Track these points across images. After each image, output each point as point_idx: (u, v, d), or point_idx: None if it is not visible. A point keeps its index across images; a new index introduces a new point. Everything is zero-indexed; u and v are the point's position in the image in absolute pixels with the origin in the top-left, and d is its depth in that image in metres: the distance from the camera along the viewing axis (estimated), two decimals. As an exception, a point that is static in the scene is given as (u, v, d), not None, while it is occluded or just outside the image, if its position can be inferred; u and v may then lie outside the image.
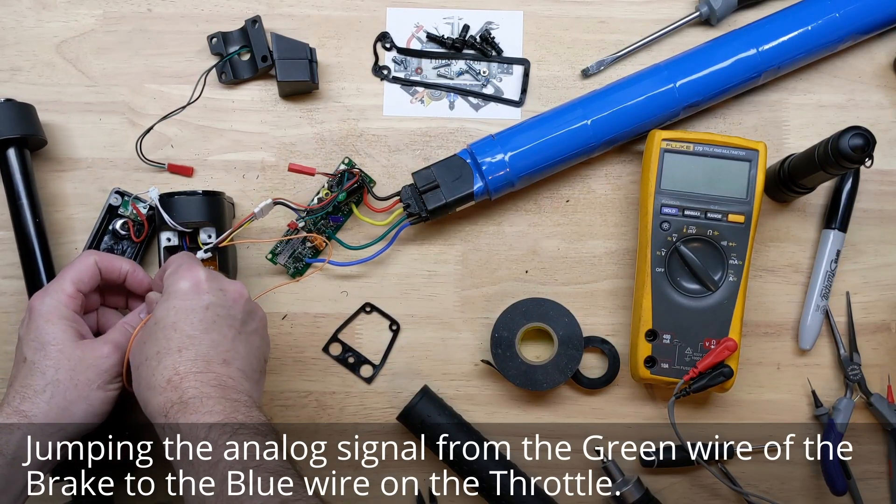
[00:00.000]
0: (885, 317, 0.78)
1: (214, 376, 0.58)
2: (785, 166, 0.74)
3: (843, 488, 0.74)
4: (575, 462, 0.76)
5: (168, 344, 0.58)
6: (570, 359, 0.74)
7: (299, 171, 0.73)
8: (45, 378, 0.62)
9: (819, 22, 0.75)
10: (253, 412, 0.57)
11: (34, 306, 0.64)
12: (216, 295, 0.61)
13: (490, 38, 0.79)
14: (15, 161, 0.73)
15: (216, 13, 0.79)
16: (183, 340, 0.59)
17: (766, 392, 0.77)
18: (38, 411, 0.61)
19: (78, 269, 0.65)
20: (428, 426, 0.73)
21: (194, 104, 0.76)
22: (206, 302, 0.60)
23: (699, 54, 0.75)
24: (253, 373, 0.61)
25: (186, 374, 0.57)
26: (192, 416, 0.55)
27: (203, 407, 0.56)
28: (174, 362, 0.58)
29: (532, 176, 0.75)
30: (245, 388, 0.59)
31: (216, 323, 0.60)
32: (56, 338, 0.63)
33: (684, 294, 0.72)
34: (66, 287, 0.64)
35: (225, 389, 0.57)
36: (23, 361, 0.63)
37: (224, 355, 0.59)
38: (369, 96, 0.79)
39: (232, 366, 0.59)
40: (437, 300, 0.77)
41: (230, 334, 0.60)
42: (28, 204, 0.73)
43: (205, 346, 0.59)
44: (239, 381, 0.59)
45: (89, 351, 0.63)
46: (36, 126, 0.74)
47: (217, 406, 0.56)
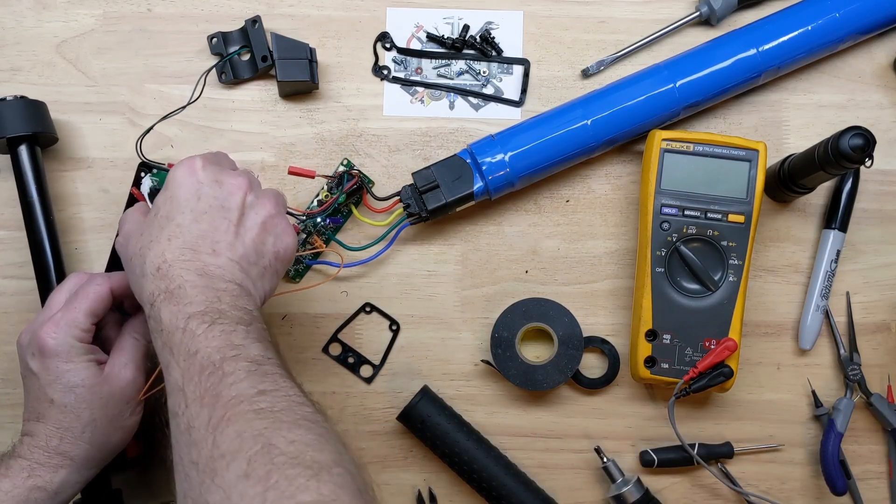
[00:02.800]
0: (885, 317, 0.78)
1: (201, 265, 0.56)
2: (785, 166, 0.74)
3: (843, 488, 0.74)
4: (575, 462, 0.76)
5: (160, 233, 0.58)
6: (570, 359, 0.74)
7: (299, 174, 0.73)
8: (81, 421, 0.62)
9: (819, 22, 0.75)
10: (239, 301, 0.56)
11: (47, 344, 0.61)
12: (211, 186, 0.59)
13: (490, 38, 0.79)
14: (26, 158, 0.72)
15: (216, 13, 0.79)
16: (173, 229, 0.58)
17: (766, 392, 0.77)
18: (79, 452, 0.62)
19: (92, 300, 0.63)
20: (428, 426, 0.73)
21: (194, 104, 0.76)
22: (198, 189, 0.59)
23: (699, 54, 0.75)
24: (250, 266, 0.59)
25: (174, 262, 0.56)
26: (174, 307, 0.54)
27: (185, 297, 0.55)
28: (163, 250, 0.57)
29: (532, 176, 0.75)
30: (236, 278, 0.57)
31: (207, 213, 0.58)
32: (82, 379, 0.61)
33: (684, 294, 0.72)
34: (81, 321, 0.62)
35: (210, 279, 0.56)
36: (49, 402, 0.61)
37: (214, 246, 0.58)
38: (369, 96, 0.79)
39: (222, 256, 0.58)
40: (437, 300, 0.77)
41: (223, 226, 0.58)
42: (39, 202, 0.72)
43: (193, 235, 0.57)
44: (229, 270, 0.57)
45: (116, 382, 0.63)
46: (47, 123, 0.74)
47: (199, 296, 0.55)
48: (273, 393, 0.51)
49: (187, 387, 0.51)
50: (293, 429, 0.49)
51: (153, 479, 0.75)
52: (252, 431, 0.48)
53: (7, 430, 0.75)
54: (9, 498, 0.59)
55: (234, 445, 0.47)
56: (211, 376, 0.51)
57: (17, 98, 0.72)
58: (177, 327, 0.54)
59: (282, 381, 0.53)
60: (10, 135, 0.71)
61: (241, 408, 0.49)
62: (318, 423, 0.50)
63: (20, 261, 0.76)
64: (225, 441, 0.48)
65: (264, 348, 0.55)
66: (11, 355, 0.75)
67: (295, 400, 0.51)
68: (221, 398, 0.50)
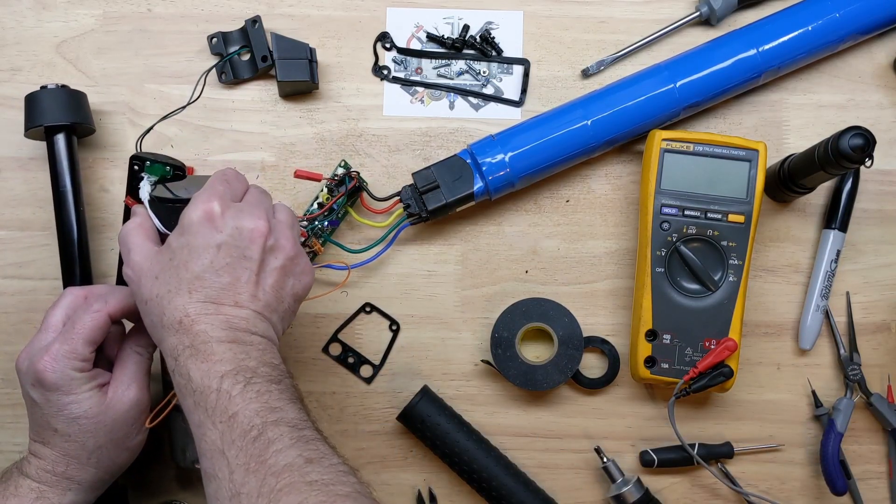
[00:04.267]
0: (885, 317, 0.78)
1: (224, 318, 0.55)
2: (785, 166, 0.74)
3: (843, 488, 0.74)
4: (575, 462, 0.76)
5: (179, 284, 0.56)
6: (570, 359, 0.74)
7: (306, 178, 0.72)
8: (86, 449, 0.61)
9: (819, 22, 0.75)
10: (266, 355, 0.56)
11: (46, 378, 0.59)
12: (231, 233, 0.57)
13: (490, 38, 0.79)
14: (63, 147, 0.72)
15: (216, 13, 0.79)
16: (193, 282, 0.56)
17: (766, 392, 0.77)
18: (87, 476, 0.62)
19: (91, 328, 0.61)
20: (428, 426, 0.73)
21: (194, 104, 0.76)
22: (217, 241, 0.57)
23: (699, 54, 0.75)
24: (271, 313, 0.58)
25: (196, 317, 0.55)
26: (202, 364, 0.54)
27: (214, 354, 0.54)
28: (184, 303, 0.55)
29: (532, 176, 0.75)
30: (259, 329, 0.57)
31: (229, 265, 0.56)
32: (85, 410, 0.61)
33: (684, 294, 0.72)
34: (80, 351, 0.60)
35: (236, 332, 0.55)
36: (53, 431, 0.61)
37: (236, 298, 0.56)
38: (369, 96, 0.79)
39: (245, 307, 0.56)
40: (437, 300, 0.77)
41: (244, 276, 0.57)
42: (72, 191, 0.72)
43: (215, 288, 0.56)
44: (253, 322, 0.56)
45: (120, 406, 0.62)
46: (86, 114, 0.74)
47: (228, 353, 0.54)
48: (320, 462, 0.51)
49: (229, 451, 0.51)
50: (348, 502, 0.49)
51: (155, 479, 0.75)
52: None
53: (7, 429, 0.75)
54: None
55: None
56: (255, 442, 0.51)
57: (59, 87, 0.72)
58: (209, 387, 0.53)
59: (323, 447, 0.53)
60: (49, 123, 0.72)
61: (293, 478, 0.49)
62: (367, 495, 0.51)
63: (20, 261, 0.76)
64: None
65: (299, 409, 0.55)
66: (11, 355, 0.75)
67: (341, 469, 0.52)
68: (270, 466, 0.50)
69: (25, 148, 0.77)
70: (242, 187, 0.62)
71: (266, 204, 0.61)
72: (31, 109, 0.72)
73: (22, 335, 0.76)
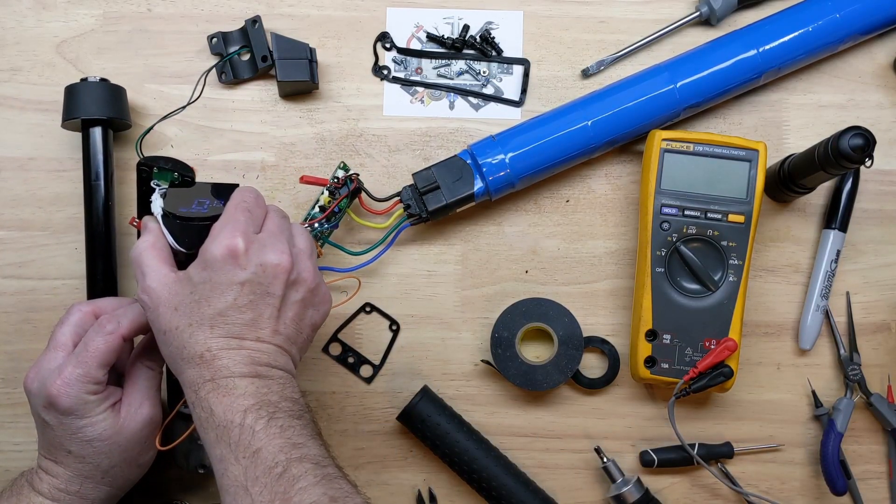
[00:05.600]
0: (885, 317, 0.78)
1: (247, 354, 0.56)
2: (785, 166, 0.74)
3: (843, 488, 0.74)
4: (575, 462, 0.76)
5: (201, 319, 0.56)
6: (570, 359, 0.74)
7: (312, 183, 0.72)
8: (101, 469, 0.61)
9: (819, 22, 0.75)
10: (287, 390, 0.56)
11: (61, 403, 0.59)
12: (254, 270, 0.56)
13: (490, 38, 0.79)
14: (99, 141, 0.72)
15: (216, 13, 0.79)
16: (215, 318, 0.56)
17: (766, 392, 0.77)
18: (100, 494, 0.63)
19: (105, 351, 0.60)
20: (428, 426, 0.73)
21: (194, 104, 0.76)
22: (241, 278, 0.56)
23: (699, 55, 0.75)
24: (291, 345, 0.58)
25: (218, 352, 0.55)
26: (224, 399, 0.54)
27: (236, 388, 0.54)
28: (206, 338, 0.55)
29: (532, 176, 0.75)
30: (280, 363, 0.57)
31: (253, 302, 0.56)
32: (99, 433, 0.60)
33: (684, 294, 0.72)
34: (94, 375, 0.59)
35: (257, 367, 0.56)
36: (67, 452, 0.61)
37: (258, 333, 0.56)
38: (369, 96, 0.79)
39: (266, 342, 0.57)
40: (437, 300, 0.77)
41: (266, 312, 0.57)
42: (104, 186, 0.72)
43: (238, 325, 0.56)
44: (274, 356, 0.57)
45: (133, 425, 0.62)
46: (123, 109, 0.74)
47: (250, 387, 0.54)
48: (344, 500, 0.52)
49: (253, 488, 0.51)
50: None
51: (155, 479, 0.75)
52: None
53: (7, 429, 0.75)
54: None
55: None
56: (280, 479, 0.51)
57: (99, 81, 0.73)
58: (232, 422, 0.53)
59: (346, 485, 0.53)
60: (86, 116, 0.72)
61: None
62: None
63: (20, 261, 0.76)
64: None
65: (321, 445, 0.55)
66: (11, 354, 0.75)
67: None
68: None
69: (25, 148, 0.77)
70: (262, 213, 0.61)
71: (287, 232, 0.60)
72: (70, 101, 0.72)
73: (22, 336, 0.76)
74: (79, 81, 0.73)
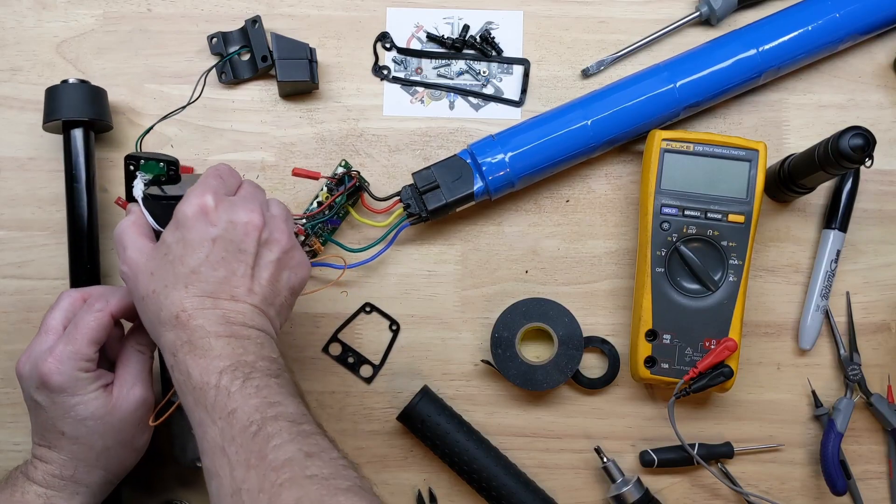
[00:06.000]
0: (885, 317, 0.78)
1: (221, 313, 0.55)
2: (785, 166, 0.74)
3: (843, 488, 0.74)
4: (575, 462, 0.76)
5: (175, 279, 0.56)
6: (570, 359, 0.74)
7: (304, 176, 0.72)
8: (94, 450, 0.62)
9: (819, 22, 0.75)
10: (264, 349, 0.56)
11: (52, 381, 0.59)
12: (225, 227, 0.57)
13: (490, 38, 0.79)
14: (80, 142, 0.72)
15: (216, 13, 0.79)
16: (189, 276, 0.56)
17: (766, 392, 0.77)
18: (95, 478, 0.62)
19: (95, 329, 0.61)
20: (428, 426, 0.73)
21: (194, 104, 0.76)
22: (212, 234, 0.56)
23: (699, 54, 0.75)
24: (268, 307, 0.58)
25: (193, 312, 0.55)
26: (200, 360, 0.54)
27: (212, 349, 0.54)
28: (181, 298, 0.55)
29: (532, 176, 0.75)
30: (256, 323, 0.57)
31: (224, 259, 0.56)
32: (92, 412, 0.61)
33: (684, 294, 0.72)
34: (85, 352, 0.60)
35: (233, 326, 0.55)
36: (60, 434, 0.61)
37: (232, 291, 0.56)
38: (369, 96, 0.79)
39: (242, 301, 0.57)
40: (437, 300, 0.77)
41: (240, 270, 0.57)
42: (86, 187, 0.72)
43: (211, 282, 0.56)
44: (250, 316, 0.57)
45: (126, 406, 0.62)
46: (104, 110, 0.74)
47: (226, 348, 0.54)
48: (320, 456, 0.51)
49: (229, 448, 0.51)
50: (347, 495, 0.49)
51: (155, 478, 0.75)
52: (309, 499, 0.48)
53: (7, 429, 0.75)
54: None
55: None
56: (255, 438, 0.51)
57: (79, 82, 0.73)
58: (208, 384, 0.53)
59: (323, 441, 0.53)
60: (67, 118, 0.72)
61: (293, 473, 0.49)
62: (366, 489, 0.51)
63: (20, 261, 0.76)
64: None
65: (298, 404, 0.55)
66: (11, 354, 0.75)
67: (341, 463, 0.52)
68: (270, 462, 0.50)
69: (25, 148, 0.77)
70: (236, 182, 0.62)
71: (260, 198, 0.61)
72: (51, 103, 0.72)
73: (22, 335, 0.76)
74: (60, 83, 0.72)
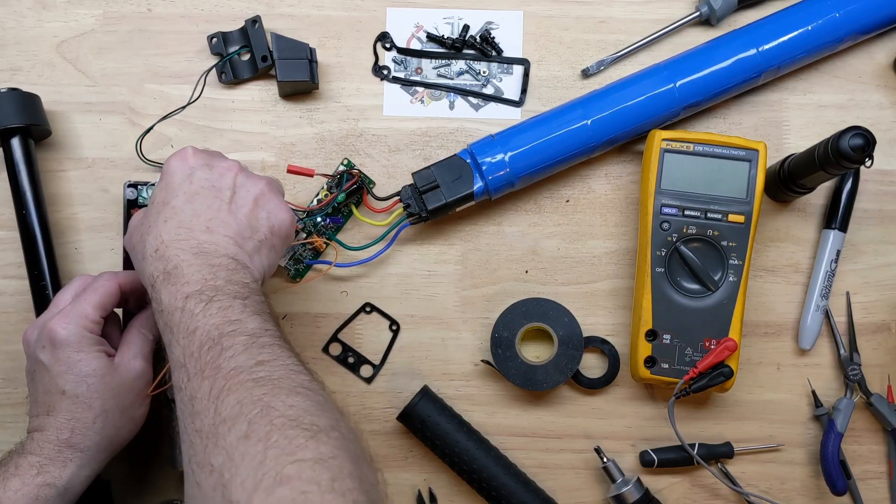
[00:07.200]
0: (885, 317, 0.78)
1: (196, 243, 0.58)
2: (785, 166, 0.74)
3: (843, 488, 0.74)
4: (575, 462, 0.76)
5: (156, 217, 0.59)
6: (570, 359, 0.74)
7: (298, 173, 0.73)
8: (93, 410, 0.62)
9: (819, 22, 0.75)
10: (235, 275, 0.57)
11: (58, 335, 0.62)
12: (202, 168, 0.62)
13: (490, 38, 0.79)
14: (19, 150, 0.72)
15: (216, 13, 0.79)
16: (168, 212, 0.59)
17: (766, 392, 0.77)
18: (90, 443, 0.62)
19: (101, 294, 0.64)
20: (428, 426, 0.73)
21: (194, 104, 0.76)
22: (189, 173, 0.61)
23: (699, 54, 0.75)
24: (244, 240, 0.60)
25: (170, 243, 0.58)
26: (172, 287, 0.56)
27: (182, 276, 0.56)
28: (160, 231, 0.58)
29: (532, 176, 0.75)
30: (230, 252, 0.59)
31: (199, 194, 0.60)
32: (93, 368, 0.62)
33: (684, 294, 0.72)
34: (90, 313, 0.63)
35: (206, 255, 0.58)
36: (61, 394, 0.62)
37: (207, 223, 0.59)
38: (369, 96, 0.79)
39: (216, 233, 0.59)
40: (437, 300, 0.77)
41: (215, 205, 0.60)
42: (32, 195, 0.72)
43: (187, 214, 0.59)
44: (223, 246, 0.59)
45: (126, 372, 0.64)
46: (40, 115, 0.74)
47: (196, 274, 0.56)
48: (271, 363, 0.52)
49: (188, 362, 0.53)
50: (291, 395, 0.50)
51: (155, 479, 0.75)
52: (251, 398, 0.49)
53: (7, 429, 0.75)
54: (19, 496, 0.59)
55: (234, 411, 0.49)
56: (210, 351, 0.53)
57: (11, 90, 0.72)
58: (175, 307, 0.55)
59: (279, 350, 0.54)
60: (4, 126, 0.71)
61: (241, 378, 0.51)
62: (315, 391, 0.52)
63: (19, 261, 0.76)
64: (226, 408, 0.49)
65: (262, 321, 0.56)
66: (12, 354, 0.75)
67: (292, 369, 0.53)
68: (221, 370, 0.51)
69: (25, 148, 0.77)
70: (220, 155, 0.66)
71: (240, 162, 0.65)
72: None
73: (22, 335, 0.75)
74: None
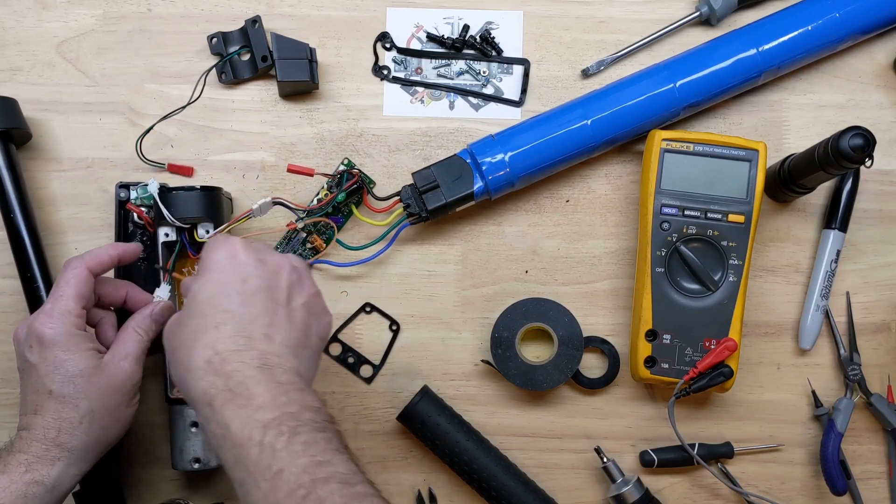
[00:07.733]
0: (885, 317, 0.78)
1: (257, 354, 0.53)
2: (785, 166, 0.74)
3: (843, 488, 0.74)
4: (575, 462, 0.76)
5: (204, 321, 0.54)
6: (570, 359, 0.74)
7: (298, 172, 0.73)
8: (79, 411, 0.61)
9: (819, 22, 0.75)
10: (306, 397, 0.52)
11: (44, 334, 0.61)
12: (255, 265, 0.56)
13: (490, 38, 0.79)
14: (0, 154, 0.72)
15: (216, 13, 0.79)
16: (220, 315, 0.54)
17: (766, 392, 0.77)
18: (77, 443, 0.62)
19: (74, 284, 0.62)
20: (428, 426, 0.73)
21: (194, 104, 0.76)
22: (243, 273, 0.56)
23: (699, 54, 0.75)
24: (301, 349, 0.56)
25: (227, 354, 0.52)
26: (241, 411, 0.50)
27: (253, 398, 0.50)
28: (212, 340, 0.53)
29: (532, 176, 0.75)
30: (292, 366, 0.54)
31: (255, 295, 0.55)
32: (80, 368, 0.61)
33: (684, 294, 0.72)
34: (72, 308, 0.62)
35: (271, 370, 0.52)
36: (48, 394, 0.61)
37: (266, 330, 0.54)
38: (369, 96, 0.79)
39: (275, 341, 0.54)
40: (437, 300, 0.77)
41: (272, 307, 0.55)
42: (16, 198, 0.72)
43: (244, 320, 0.54)
44: (285, 357, 0.54)
45: (115, 372, 0.63)
46: (19, 119, 0.74)
47: (267, 396, 0.51)
48: None
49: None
50: None
51: (155, 479, 0.75)
52: None
53: (7, 429, 0.75)
54: (7, 494, 0.58)
55: None
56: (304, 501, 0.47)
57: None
58: (251, 440, 0.49)
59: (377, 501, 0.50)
60: None
61: None
62: None
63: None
64: None
65: (347, 461, 0.51)
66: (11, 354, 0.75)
67: None
68: None
69: (25, 148, 0.77)
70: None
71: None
72: None
73: (16, 334, 0.76)
74: None
